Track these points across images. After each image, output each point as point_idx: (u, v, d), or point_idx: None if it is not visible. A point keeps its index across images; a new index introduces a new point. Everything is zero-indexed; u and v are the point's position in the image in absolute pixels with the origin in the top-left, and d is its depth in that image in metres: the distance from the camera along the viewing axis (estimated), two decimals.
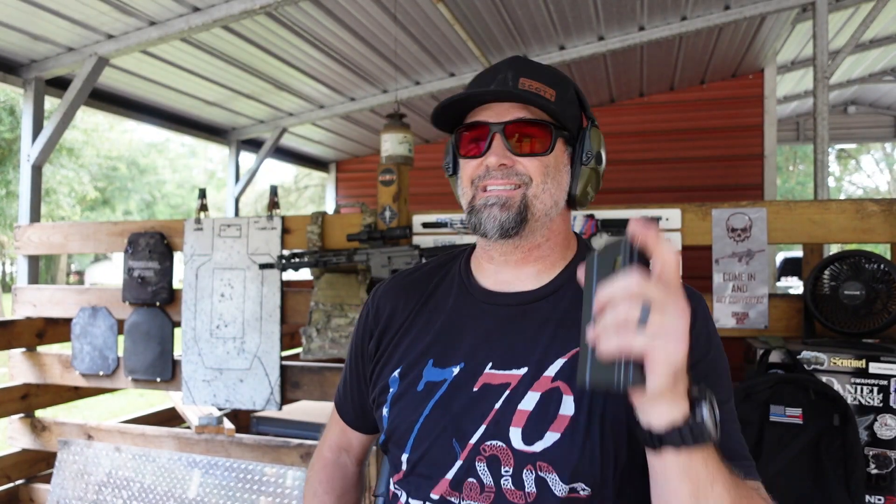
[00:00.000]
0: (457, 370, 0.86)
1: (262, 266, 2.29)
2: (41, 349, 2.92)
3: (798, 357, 1.73)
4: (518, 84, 0.84)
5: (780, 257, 9.58)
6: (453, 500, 0.81)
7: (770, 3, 3.38)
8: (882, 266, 1.82)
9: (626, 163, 4.83)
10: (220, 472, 2.36)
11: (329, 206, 6.13)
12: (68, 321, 2.77)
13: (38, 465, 2.91)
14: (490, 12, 3.16)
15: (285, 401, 2.45)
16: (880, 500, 1.67)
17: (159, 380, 2.58)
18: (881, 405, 1.67)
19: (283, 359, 2.43)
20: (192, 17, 2.71)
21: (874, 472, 1.67)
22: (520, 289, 0.89)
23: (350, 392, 1.04)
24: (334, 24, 3.10)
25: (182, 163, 23.32)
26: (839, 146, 16.98)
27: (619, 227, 2.02)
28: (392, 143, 2.59)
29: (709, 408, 0.62)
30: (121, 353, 2.65)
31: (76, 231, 2.79)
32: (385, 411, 0.90)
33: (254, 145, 5.02)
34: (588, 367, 0.61)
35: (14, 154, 12.08)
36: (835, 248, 4.07)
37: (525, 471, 0.78)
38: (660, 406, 0.61)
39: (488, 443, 0.80)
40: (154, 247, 2.59)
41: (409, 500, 0.85)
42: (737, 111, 4.78)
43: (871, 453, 1.67)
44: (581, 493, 0.77)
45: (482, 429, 0.81)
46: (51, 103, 3.27)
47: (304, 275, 5.77)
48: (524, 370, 0.82)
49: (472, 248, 0.98)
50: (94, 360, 2.68)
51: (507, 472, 0.78)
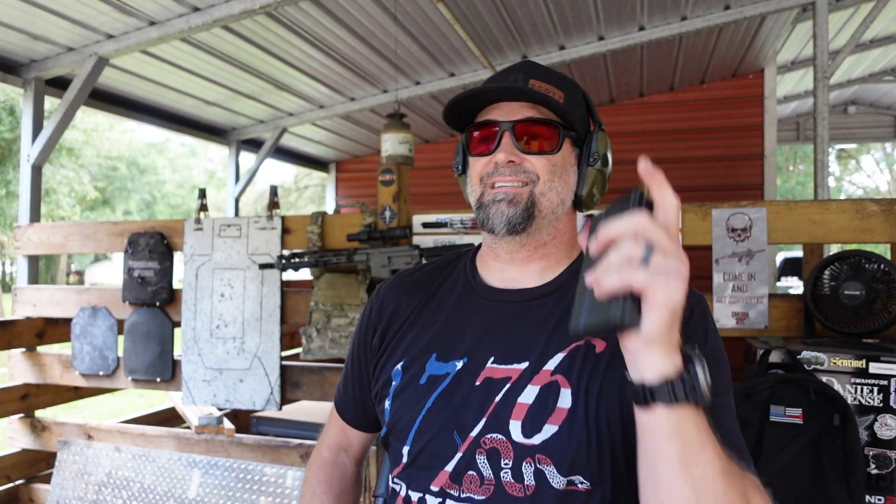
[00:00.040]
0: (460, 364, 0.87)
1: (262, 266, 2.29)
2: (41, 349, 2.92)
3: (798, 357, 1.73)
4: (528, 85, 0.87)
5: (780, 257, 9.58)
6: (453, 492, 0.81)
7: (770, 3, 3.38)
8: (882, 266, 1.82)
9: (626, 163, 4.80)
10: (220, 472, 2.36)
11: (329, 206, 6.13)
12: (68, 321, 2.77)
13: (37, 465, 2.91)
14: (490, 12, 3.16)
15: (285, 401, 2.45)
16: (880, 500, 1.67)
17: (159, 380, 2.59)
18: (881, 405, 1.67)
19: (283, 359, 2.43)
20: (192, 17, 2.71)
21: (874, 472, 1.67)
22: (524, 286, 0.90)
23: (351, 390, 1.04)
24: (334, 24, 3.10)
25: (182, 163, 23.33)
26: (839, 146, 16.98)
27: None
28: (392, 143, 2.59)
29: (702, 368, 0.60)
30: (121, 353, 2.65)
31: (76, 231, 2.79)
32: (387, 404, 0.91)
33: (254, 145, 5.02)
34: (584, 310, 0.59)
35: (14, 154, 12.08)
36: (835, 248, 4.07)
37: (524, 463, 0.78)
38: (653, 354, 0.59)
39: (488, 436, 0.81)
40: (154, 247, 2.59)
41: (409, 492, 0.85)
42: (737, 111, 4.78)
43: (871, 453, 1.67)
44: (580, 486, 0.77)
45: (483, 422, 0.81)
46: (51, 103, 3.27)
47: (304, 275, 5.78)
48: (525, 364, 0.83)
49: (478, 247, 1.00)
50: (93, 360, 2.68)
51: (506, 464, 0.79)
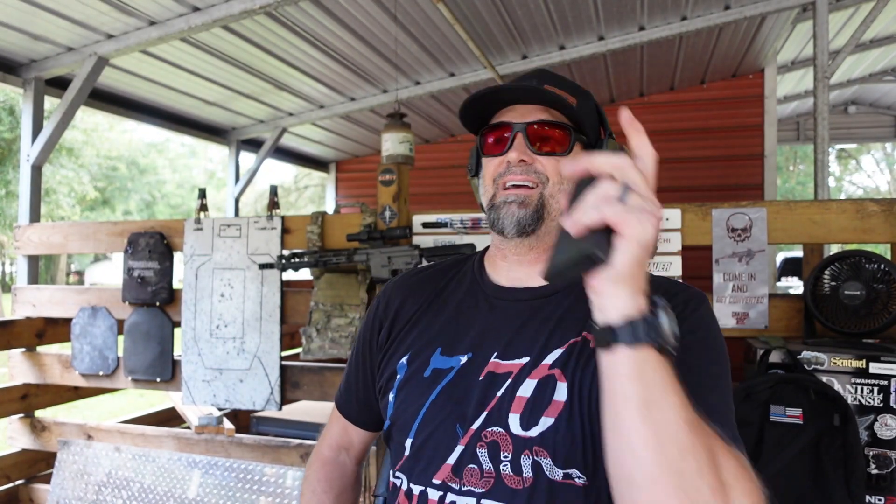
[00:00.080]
0: (464, 359, 0.88)
1: (262, 266, 2.29)
2: (41, 349, 2.92)
3: (798, 357, 1.73)
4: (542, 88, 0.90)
5: (780, 257, 9.58)
6: (454, 485, 0.82)
7: (770, 3, 3.38)
8: (882, 266, 1.82)
9: None
10: (220, 473, 2.36)
11: (329, 206, 6.13)
12: (68, 321, 2.77)
13: (37, 465, 2.91)
14: (490, 12, 3.16)
15: (285, 401, 2.45)
16: (880, 500, 1.66)
17: (159, 380, 2.58)
18: (881, 405, 1.67)
19: (283, 359, 2.43)
20: (192, 17, 2.71)
21: (874, 472, 1.67)
22: (530, 285, 0.92)
23: (354, 386, 1.05)
24: (334, 24, 3.10)
25: (182, 163, 23.33)
26: (839, 146, 16.98)
27: None
28: (392, 143, 2.59)
29: (669, 317, 0.60)
30: (121, 353, 2.65)
31: (76, 231, 2.79)
32: (391, 397, 0.92)
33: (254, 145, 5.02)
34: (557, 251, 0.60)
35: (14, 154, 12.08)
36: (835, 248, 4.07)
37: (522, 456, 0.80)
38: (619, 294, 0.59)
39: (489, 429, 0.82)
40: (154, 247, 2.59)
41: (411, 485, 0.86)
42: (737, 111, 4.78)
43: (871, 453, 1.67)
44: (576, 480, 0.78)
45: (483, 415, 0.83)
46: (50, 103, 3.27)
47: (304, 275, 5.78)
48: (526, 359, 0.85)
49: (486, 248, 1.02)
50: (93, 360, 2.68)
51: (506, 457, 0.80)
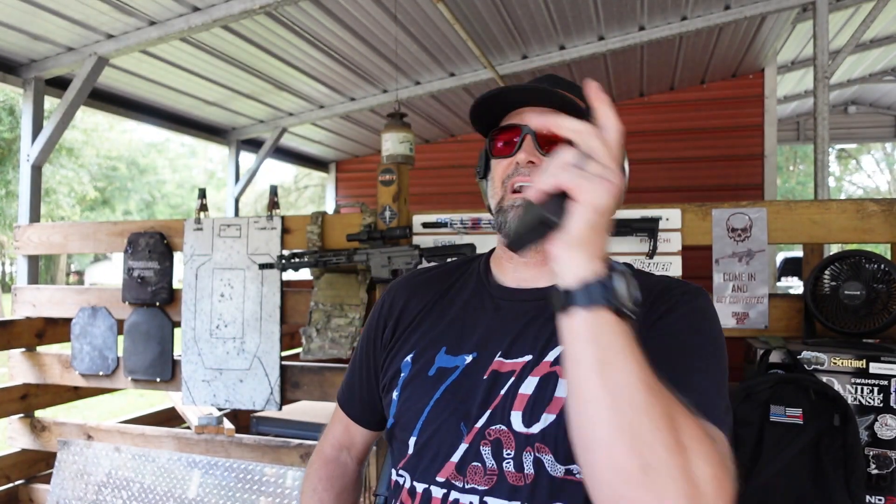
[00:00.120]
0: (469, 359, 0.89)
1: (262, 266, 2.29)
2: (41, 349, 2.91)
3: (798, 357, 1.73)
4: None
5: (780, 257, 9.58)
6: (457, 483, 0.83)
7: (770, 2, 3.38)
8: (882, 266, 1.82)
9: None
10: (220, 473, 2.36)
11: (329, 206, 6.13)
12: (68, 321, 2.77)
13: (37, 465, 2.90)
14: (490, 12, 3.16)
15: (285, 401, 2.45)
16: (880, 500, 1.66)
17: (159, 380, 2.58)
18: (881, 405, 1.67)
19: (283, 359, 2.43)
20: (192, 17, 2.71)
21: (874, 472, 1.67)
22: (536, 286, 0.93)
23: (357, 385, 1.05)
24: (334, 23, 3.10)
25: (182, 163, 23.33)
26: (839, 146, 16.98)
27: (618, 227, 2.02)
28: (393, 143, 2.59)
29: (625, 281, 0.61)
30: (120, 354, 2.65)
31: (76, 231, 2.79)
32: (395, 395, 0.92)
33: (254, 145, 5.02)
34: (520, 217, 0.61)
35: (14, 154, 12.08)
36: (835, 248, 4.07)
37: (524, 453, 0.80)
38: (575, 258, 0.60)
39: (492, 427, 0.83)
40: (154, 247, 2.59)
41: (414, 483, 0.86)
42: (737, 111, 4.78)
43: (871, 453, 1.67)
44: (577, 476, 0.78)
45: (487, 414, 0.84)
46: (50, 103, 3.27)
47: (304, 275, 5.77)
48: (529, 357, 0.86)
49: (493, 250, 1.03)
50: (93, 360, 2.68)
51: (509, 454, 0.81)
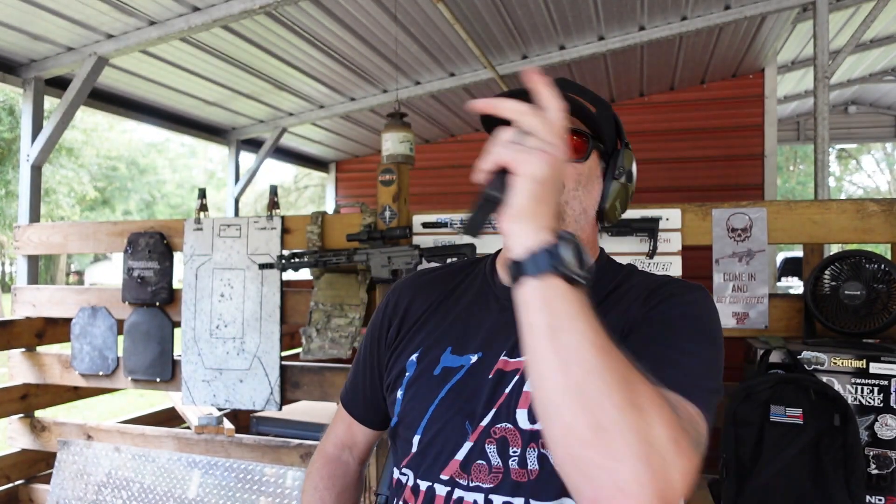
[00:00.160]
0: (474, 358, 0.89)
1: (262, 266, 2.29)
2: (41, 349, 2.91)
3: (798, 357, 1.73)
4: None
5: (780, 257, 9.58)
6: (462, 481, 0.83)
7: (770, 2, 3.37)
8: (882, 266, 1.82)
9: None
10: (220, 473, 2.36)
11: (329, 206, 6.13)
12: (68, 321, 2.77)
13: (37, 465, 2.90)
14: (490, 12, 3.16)
15: (285, 401, 2.45)
16: (880, 500, 1.66)
17: (159, 380, 2.58)
18: (881, 405, 1.67)
19: (282, 359, 2.43)
20: (192, 17, 2.71)
21: (874, 472, 1.67)
22: None
23: (361, 384, 1.06)
24: (334, 23, 3.10)
25: (182, 163, 23.34)
26: (839, 146, 16.98)
27: (618, 227, 2.02)
28: (393, 143, 2.59)
29: (573, 249, 0.62)
30: (120, 354, 2.65)
31: (76, 231, 2.79)
32: (399, 394, 0.93)
33: (254, 145, 5.02)
34: (472, 204, 0.66)
35: (14, 154, 12.09)
36: (835, 248, 4.07)
37: (528, 449, 0.81)
38: (522, 230, 0.62)
39: (498, 425, 0.83)
40: (154, 247, 2.59)
41: (418, 481, 0.87)
42: (737, 111, 4.77)
43: (871, 453, 1.67)
44: None
45: (492, 412, 0.84)
46: (50, 103, 3.27)
47: (304, 275, 5.77)
48: None
49: (499, 251, 1.03)
50: (93, 360, 2.67)
51: (514, 452, 0.81)
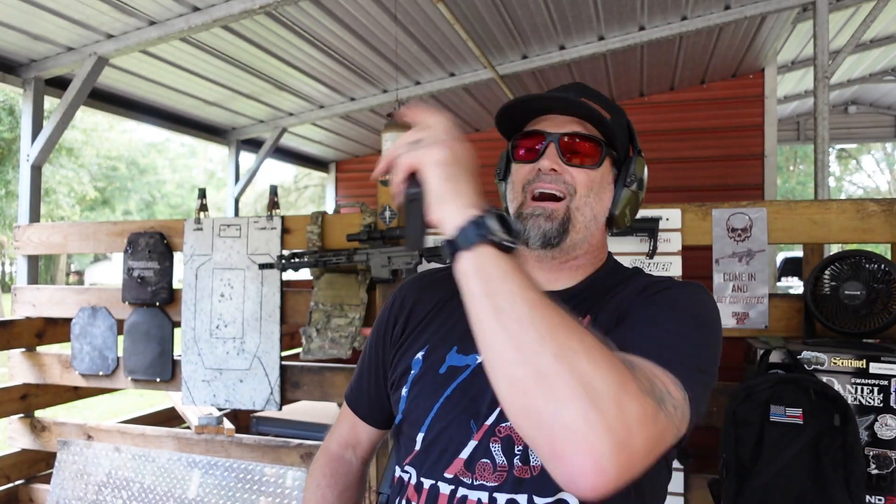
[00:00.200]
0: (480, 358, 0.89)
1: (262, 266, 2.29)
2: (41, 349, 2.91)
3: (798, 357, 1.73)
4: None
5: (780, 257, 9.58)
6: (465, 479, 0.83)
7: (770, 2, 3.38)
8: (882, 266, 1.82)
9: None
10: (220, 473, 2.36)
11: (329, 206, 6.13)
12: (68, 321, 2.77)
13: (37, 465, 2.91)
14: (490, 12, 3.16)
15: (285, 401, 2.45)
16: (880, 500, 1.66)
17: (159, 380, 2.58)
18: (881, 405, 1.67)
19: (283, 359, 2.43)
20: (192, 17, 2.71)
21: (874, 472, 1.67)
22: (548, 289, 0.93)
23: (366, 383, 1.06)
24: (334, 23, 3.10)
25: (182, 163, 23.33)
26: (839, 146, 16.98)
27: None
28: (393, 142, 2.59)
29: (498, 218, 0.66)
30: (120, 354, 2.65)
31: (76, 231, 2.79)
32: (404, 391, 0.93)
33: (254, 145, 5.02)
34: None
35: (14, 154, 12.09)
36: (835, 248, 4.07)
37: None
38: (447, 213, 0.67)
39: (503, 424, 0.83)
40: (154, 247, 2.59)
41: (422, 479, 0.87)
42: (737, 111, 4.78)
43: (871, 453, 1.67)
44: None
45: (497, 411, 0.84)
46: (50, 103, 3.27)
47: (304, 275, 5.76)
48: None
49: None
50: (93, 360, 2.68)
51: (519, 450, 0.82)
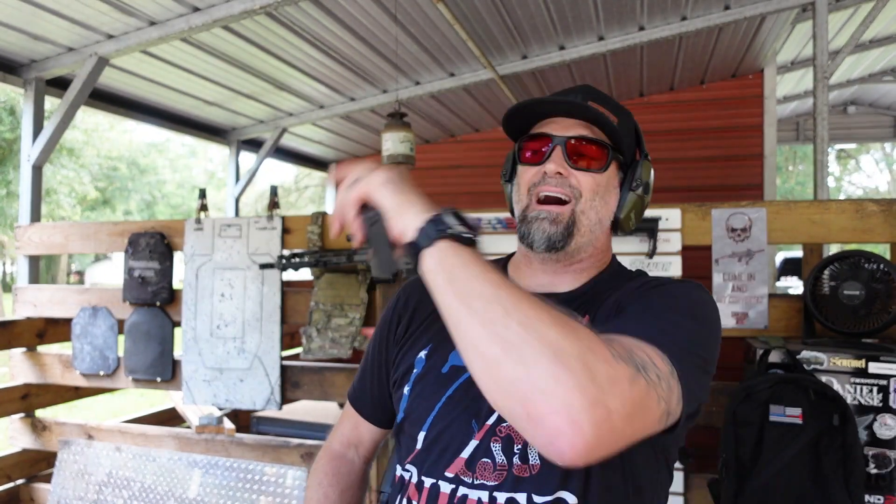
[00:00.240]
0: None
1: (263, 266, 2.29)
2: (41, 349, 2.92)
3: (798, 357, 1.73)
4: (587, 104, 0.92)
5: (779, 257, 9.58)
6: (466, 479, 0.83)
7: (770, 3, 3.38)
8: (881, 266, 1.83)
9: None
10: (221, 472, 2.36)
11: (329, 206, 6.13)
12: (69, 321, 2.78)
13: (38, 464, 2.91)
14: (490, 12, 3.16)
15: (285, 401, 2.45)
16: (880, 499, 1.67)
17: (159, 380, 2.59)
18: (881, 405, 1.67)
19: (283, 359, 2.43)
20: (192, 17, 2.71)
21: (874, 471, 1.68)
22: (553, 291, 0.94)
23: (369, 382, 1.06)
24: (334, 24, 3.10)
25: (182, 163, 23.32)
26: (839, 146, 16.98)
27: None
28: (393, 142, 2.59)
29: (454, 215, 0.72)
30: (121, 353, 2.65)
31: (76, 231, 2.79)
32: (406, 390, 0.93)
33: (254, 145, 5.02)
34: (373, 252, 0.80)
35: (14, 154, 12.09)
36: (835, 248, 4.07)
37: (530, 444, 0.81)
38: (405, 221, 0.72)
39: (504, 424, 0.84)
40: (154, 247, 2.59)
41: (423, 477, 0.87)
42: (737, 111, 4.77)
43: (870, 453, 1.67)
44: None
45: None
46: (51, 103, 3.27)
47: (304, 275, 5.78)
48: None
49: (512, 254, 1.04)
50: (94, 359, 2.68)
51: (518, 449, 0.82)
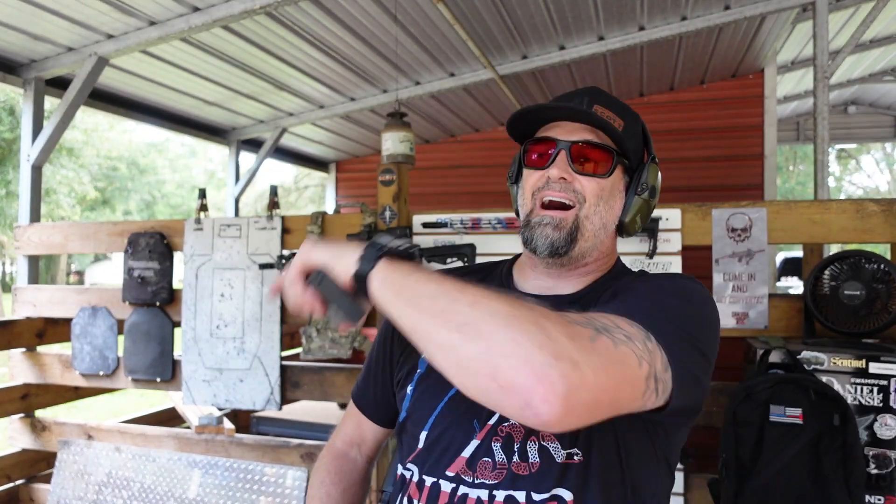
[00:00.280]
0: None
1: (262, 266, 2.29)
2: (41, 349, 2.92)
3: (798, 357, 1.73)
4: (591, 109, 0.91)
5: (780, 257, 9.58)
6: (467, 478, 0.84)
7: (770, 3, 3.38)
8: (882, 266, 1.83)
9: None
10: (220, 472, 2.36)
11: (329, 206, 6.13)
12: (68, 321, 2.77)
13: (38, 464, 2.91)
14: (490, 12, 3.16)
15: (285, 401, 2.45)
16: (880, 500, 1.67)
17: (159, 380, 2.58)
18: (881, 405, 1.67)
19: (283, 359, 2.43)
20: (192, 17, 2.71)
21: (874, 472, 1.68)
22: (556, 293, 0.94)
23: (373, 382, 1.07)
24: (334, 24, 3.10)
25: (182, 163, 23.33)
26: (839, 146, 16.98)
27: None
28: (393, 142, 2.59)
29: (387, 236, 0.79)
30: (121, 353, 2.65)
31: (76, 231, 2.79)
32: (409, 389, 0.94)
33: (254, 145, 5.02)
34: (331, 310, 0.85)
35: (14, 154, 12.09)
36: (835, 248, 4.07)
37: (529, 442, 0.83)
38: (345, 259, 0.79)
39: (505, 423, 0.85)
40: (154, 247, 2.59)
41: (423, 476, 0.88)
42: (737, 111, 4.77)
43: (870, 453, 1.67)
44: (576, 458, 0.82)
45: None
46: (51, 103, 3.27)
47: None
48: None
49: (517, 256, 1.04)
50: (94, 360, 2.68)
51: (517, 447, 0.83)
